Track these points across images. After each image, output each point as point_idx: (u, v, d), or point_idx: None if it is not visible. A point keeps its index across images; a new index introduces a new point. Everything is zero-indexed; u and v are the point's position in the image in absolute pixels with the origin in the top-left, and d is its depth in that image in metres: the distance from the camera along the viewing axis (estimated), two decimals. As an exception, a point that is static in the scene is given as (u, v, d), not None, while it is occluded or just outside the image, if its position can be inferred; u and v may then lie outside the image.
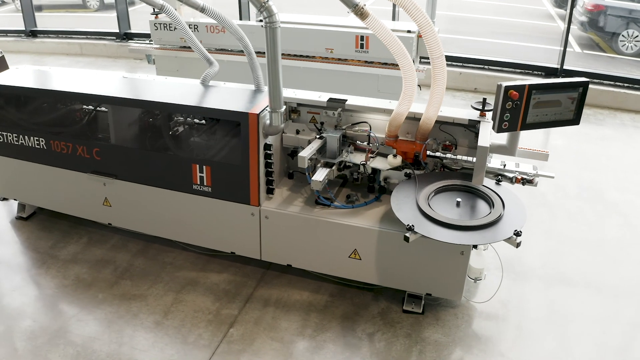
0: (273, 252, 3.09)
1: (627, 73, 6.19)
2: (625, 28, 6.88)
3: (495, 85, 2.49)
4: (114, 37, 7.77)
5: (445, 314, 2.92)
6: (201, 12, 2.98)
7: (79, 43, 7.79)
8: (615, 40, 7.04)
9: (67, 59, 7.67)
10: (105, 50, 7.70)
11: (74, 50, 7.74)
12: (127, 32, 7.72)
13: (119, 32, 7.70)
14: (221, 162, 2.98)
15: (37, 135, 3.48)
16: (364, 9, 2.46)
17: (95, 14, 11.06)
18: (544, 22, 10.40)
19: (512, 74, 6.18)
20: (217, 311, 2.93)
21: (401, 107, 2.75)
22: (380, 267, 2.87)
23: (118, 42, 7.69)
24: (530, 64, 6.18)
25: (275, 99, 2.77)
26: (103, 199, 3.47)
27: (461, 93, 6.38)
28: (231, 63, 5.22)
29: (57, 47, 7.76)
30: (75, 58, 7.66)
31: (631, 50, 7.08)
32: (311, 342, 2.73)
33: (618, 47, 7.05)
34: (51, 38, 8.00)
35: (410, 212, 2.54)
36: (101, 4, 10.80)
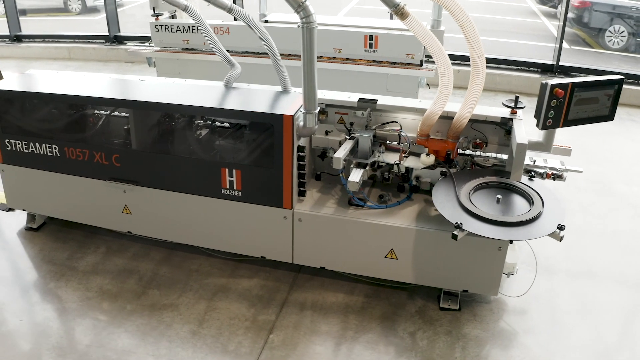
0: (306, 255, 3.06)
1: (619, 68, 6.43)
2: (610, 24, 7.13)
3: (493, 82, 2.57)
4: (103, 41, 7.54)
5: (480, 309, 2.96)
6: (228, 13, 2.91)
7: (66, 47, 7.53)
8: (602, 36, 7.30)
9: (55, 63, 7.39)
10: (94, 54, 7.46)
11: (62, 55, 7.48)
12: (116, 35, 7.51)
13: (108, 35, 7.48)
14: (253, 165, 2.92)
15: (50, 143, 3.34)
16: (404, 9, 2.46)
17: (77, 17, 10.71)
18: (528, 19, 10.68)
19: (509, 71, 6.32)
20: (254, 317, 2.88)
21: (436, 106, 2.77)
22: (417, 266, 2.88)
23: (108, 46, 7.47)
24: (526, 61, 6.33)
25: (310, 100, 2.74)
26: (122, 206, 3.35)
27: (461, 91, 6.46)
28: (237, 64, 5.14)
29: (43, 52, 7.48)
30: (64, 62, 7.40)
31: (617, 46, 7.34)
32: (354, 344, 2.71)
33: (605, 42, 7.31)
34: (37, 43, 7.71)
35: (453, 210, 2.55)
36: (83, 7, 10.45)
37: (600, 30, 7.26)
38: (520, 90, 6.12)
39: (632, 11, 6.97)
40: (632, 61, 7.34)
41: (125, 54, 7.47)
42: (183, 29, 5.12)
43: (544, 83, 2.42)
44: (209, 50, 5.16)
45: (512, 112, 2.87)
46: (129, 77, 3.55)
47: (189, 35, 5.13)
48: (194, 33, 5.11)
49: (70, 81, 3.52)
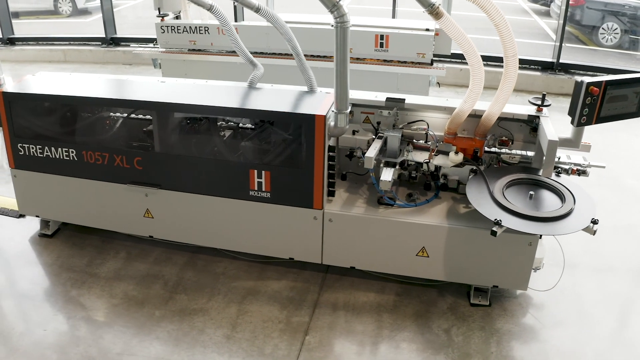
0: (335, 255, 3.05)
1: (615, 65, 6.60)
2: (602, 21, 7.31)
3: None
4: (99, 43, 7.39)
5: (510, 304, 3.00)
6: (255, 12, 2.89)
7: (62, 49, 7.36)
8: (596, 33, 7.48)
9: (51, 66, 7.21)
10: (91, 56, 7.31)
11: (57, 57, 7.31)
12: (113, 37, 7.36)
13: (105, 36, 7.33)
14: (283, 166, 2.90)
15: (67, 146, 3.25)
16: (439, 9, 2.48)
17: (68, 19, 10.46)
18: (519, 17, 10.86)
19: (511, 69, 6.42)
20: (287, 319, 2.86)
21: (466, 104, 2.80)
22: (448, 263, 2.91)
23: (105, 48, 7.33)
24: (527, 59, 6.44)
25: (341, 100, 2.74)
26: (144, 210, 3.29)
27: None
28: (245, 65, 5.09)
29: (38, 55, 7.29)
30: (59, 65, 7.22)
31: (611, 43, 7.53)
32: (391, 342, 2.72)
33: (598, 39, 7.49)
34: (31, 45, 7.51)
35: (489, 207, 2.58)
36: (74, 10, 10.20)
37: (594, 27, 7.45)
38: (522, 88, 6.22)
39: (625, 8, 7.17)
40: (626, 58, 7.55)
41: (122, 55, 7.34)
42: (190, 30, 5.06)
43: (579, 81, 2.47)
44: (216, 51, 5.11)
45: (538, 110, 2.91)
46: (148, 79, 3.48)
47: (196, 36, 5.07)
48: (201, 34, 5.05)
49: (86, 83, 3.43)
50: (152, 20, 10.35)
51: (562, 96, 5.99)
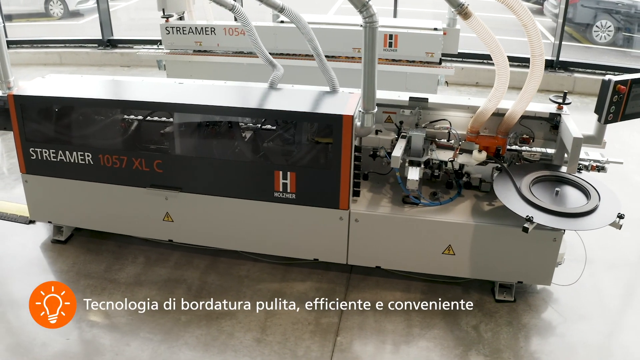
0: (361, 255, 3.05)
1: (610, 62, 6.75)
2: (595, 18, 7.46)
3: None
4: (96, 45, 7.25)
5: (533, 299, 3.04)
6: (280, 13, 2.87)
7: (57, 52, 7.19)
8: (589, 31, 7.64)
9: (47, 69, 7.03)
10: (88, 59, 7.17)
11: (53, 60, 7.14)
12: (110, 39, 7.23)
13: (102, 38, 7.20)
14: (309, 166, 2.89)
15: (82, 150, 3.18)
16: (467, 9, 2.50)
17: (59, 22, 10.24)
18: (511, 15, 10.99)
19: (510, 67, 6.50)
20: (316, 321, 2.85)
21: (490, 103, 2.83)
22: (474, 260, 2.93)
23: (102, 50, 7.19)
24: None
25: (369, 100, 2.74)
26: (164, 214, 3.24)
27: (464, 87, 6.62)
28: (251, 66, 5.07)
29: (33, 58, 7.11)
30: (55, 68, 7.04)
31: (604, 40, 7.70)
32: (422, 340, 2.73)
33: (592, 37, 7.65)
34: (25, 48, 7.32)
35: (518, 204, 2.62)
36: (65, 12, 9.98)
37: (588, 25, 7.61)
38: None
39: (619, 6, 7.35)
40: (620, 55, 7.72)
41: (120, 57, 7.21)
42: (195, 31, 4.99)
43: (606, 80, 2.52)
44: (223, 51, 5.06)
45: (558, 108, 2.96)
46: (166, 80, 3.43)
47: (202, 36, 5.00)
48: (207, 34, 4.99)
49: (100, 85, 3.37)
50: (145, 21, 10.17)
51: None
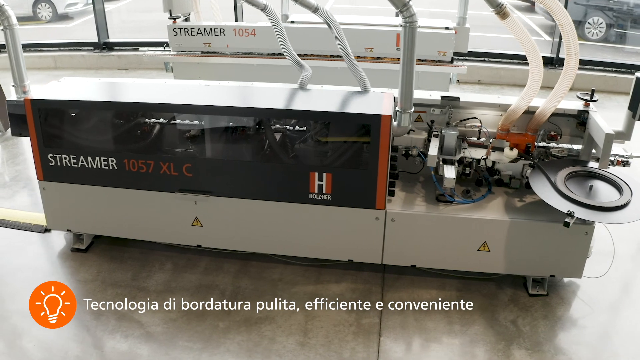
0: (396, 254, 3.05)
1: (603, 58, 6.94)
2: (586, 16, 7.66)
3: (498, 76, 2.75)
4: (91, 48, 7.07)
5: (565, 292, 3.10)
6: (313, 13, 2.85)
7: (52, 56, 6.99)
8: (582, 28, 7.84)
9: (41, 73, 6.81)
10: (83, 62, 6.98)
11: (47, 64, 6.92)
12: (106, 42, 7.06)
13: (98, 41, 7.02)
14: (346, 167, 2.88)
15: (106, 155, 3.09)
16: (505, 9, 2.53)
17: (47, 25, 9.93)
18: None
19: (511, 64, 6.63)
20: (357, 322, 2.84)
21: (523, 101, 2.87)
22: (509, 256, 2.97)
23: (98, 53, 7.02)
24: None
25: (406, 100, 2.74)
26: (192, 219, 3.18)
27: (467, 85, 6.70)
28: (262, 67, 5.02)
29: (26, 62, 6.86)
30: (50, 72, 6.81)
31: (597, 37, 7.92)
32: (464, 337, 2.76)
33: (584, 33, 7.85)
34: (19, 52, 7.07)
35: (556, 199, 2.66)
36: (54, 15, 9.68)
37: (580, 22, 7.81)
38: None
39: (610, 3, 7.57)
40: (613, 51, 7.95)
41: (117, 60, 7.05)
42: (204, 32, 4.92)
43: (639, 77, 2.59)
44: (232, 53, 5.00)
45: (585, 105, 3.03)
46: (191, 82, 3.36)
47: (211, 37, 4.93)
48: (216, 35, 4.92)
49: (121, 88, 3.28)
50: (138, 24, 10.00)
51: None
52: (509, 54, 6.64)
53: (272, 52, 4.94)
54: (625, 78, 6.24)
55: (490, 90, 6.39)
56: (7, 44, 3.22)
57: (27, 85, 3.32)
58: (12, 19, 3.18)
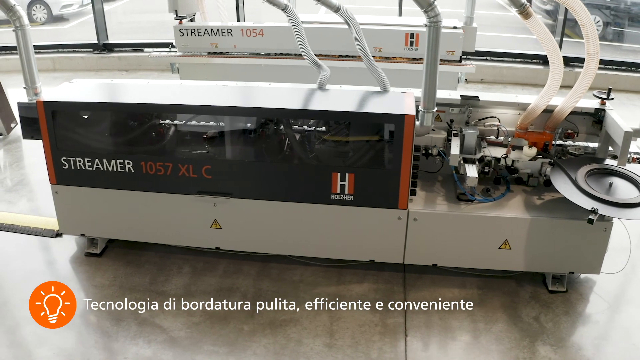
0: (418, 254, 3.06)
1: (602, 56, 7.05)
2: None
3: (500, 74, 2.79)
4: (91, 49, 6.97)
5: (583, 288, 3.13)
6: (335, 12, 2.84)
7: (50, 57, 6.86)
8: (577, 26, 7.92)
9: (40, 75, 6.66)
10: (83, 64, 6.88)
11: (45, 66, 6.78)
12: (106, 43, 6.96)
13: (97, 43, 6.92)
14: (369, 167, 2.87)
15: (122, 158, 3.05)
16: (529, 9, 2.55)
17: (42, 27, 9.76)
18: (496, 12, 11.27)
19: (513, 63, 6.69)
20: (382, 322, 2.84)
21: (543, 100, 2.90)
22: (529, 253, 2.99)
23: (98, 54, 6.92)
24: (528, 53, 6.74)
25: (430, 99, 2.75)
26: (212, 221, 3.15)
27: (470, 84, 6.73)
28: (269, 67, 5.00)
29: (24, 64, 6.76)
30: (49, 74, 6.70)
31: (594, 35, 8.05)
32: (489, 335, 2.77)
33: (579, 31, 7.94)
34: (15, 54, 6.90)
35: (578, 196, 2.69)
36: (49, 17, 9.51)
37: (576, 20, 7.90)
38: (527, 82, 6.50)
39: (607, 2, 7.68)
40: (611, 49, 8.07)
41: (117, 62, 6.96)
42: (211, 32, 4.88)
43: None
44: (240, 53, 4.96)
45: (601, 103, 3.07)
46: (208, 83, 3.33)
47: (218, 38, 4.89)
48: (223, 36, 4.88)
49: (138, 89, 3.24)
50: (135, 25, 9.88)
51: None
52: (511, 53, 6.70)
53: (280, 53, 4.92)
54: (626, 76, 6.34)
55: (493, 89, 6.44)
56: (18, 45, 3.16)
57: (38, 87, 3.26)
58: (24, 20, 3.12)
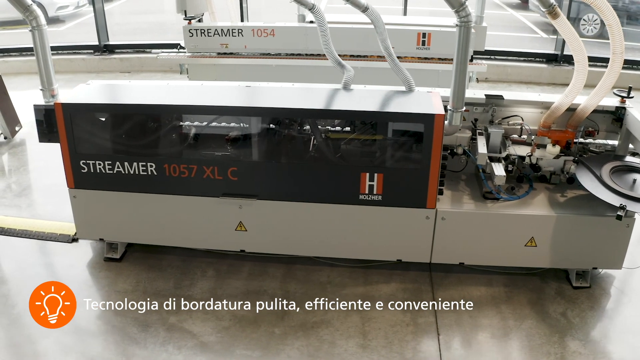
0: (445, 252, 3.07)
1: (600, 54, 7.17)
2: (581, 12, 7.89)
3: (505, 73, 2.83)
4: (91, 51, 6.85)
5: (605, 283, 3.18)
6: (363, 12, 2.83)
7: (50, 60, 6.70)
8: (577, 24, 8.07)
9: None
10: (84, 66, 6.76)
11: None
12: (107, 44, 6.85)
13: (98, 44, 6.81)
14: (398, 167, 2.88)
15: (145, 161, 3.00)
16: (557, 9, 2.59)
17: (38, 29, 9.55)
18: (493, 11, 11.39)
19: (517, 62, 6.76)
20: (413, 321, 2.85)
21: (567, 98, 2.93)
22: (554, 250, 3.03)
23: (99, 56, 6.81)
24: (532, 52, 6.82)
25: (458, 99, 2.76)
26: (236, 223, 3.12)
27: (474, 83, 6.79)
28: (280, 67, 4.97)
29: (23, 66, 6.63)
30: (50, 75, 6.59)
31: (591, 33, 8.17)
32: (520, 332, 2.80)
33: (579, 30, 8.09)
34: (14, 57, 6.83)
35: (605, 193, 2.73)
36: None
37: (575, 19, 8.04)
38: (530, 80, 6.58)
39: (605, 1, 7.82)
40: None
41: (119, 63, 6.85)
42: (221, 33, 4.83)
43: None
44: (251, 54, 4.92)
45: (621, 101, 3.11)
46: (227, 83, 3.29)
47: (229, 38, 4.85)
48: (234, 36, 4.84)
49: (159, 90, 3.17)
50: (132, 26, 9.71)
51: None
52: (515, 52, 6.77)
53: (291, 53, 4.90)
54: (627, 74, 6.45)
55: (498, 87, 6.49)
56: (35, 46, 3.09)
57: (55, 89, 3.19)
58: (41, 19, 3.06)
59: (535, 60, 6.68)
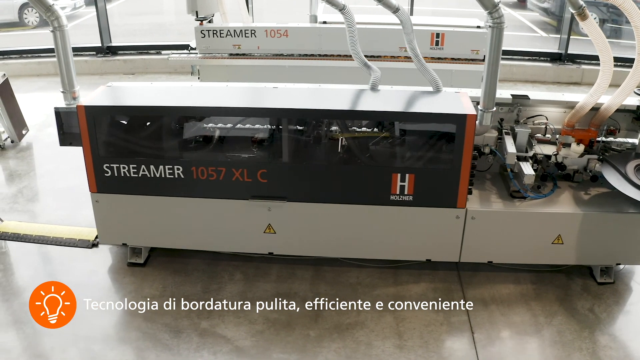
0: (474, 251, 3.10)
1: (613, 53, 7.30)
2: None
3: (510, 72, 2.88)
4: (94, 52, 6.75)
5: (627, 279, 3.24)
6: (393, 13, 2.83)
7: (52, 62, 6.53)
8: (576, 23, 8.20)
9: (41, 80, 6.47)
10: (87, 67, 6.65)
11: (46, 70, 6.53)
12: (109, 46, 6.74)
13: (101, 46, 6.71)
14: (430, 167, 2.89)
15: (172, 164, 2.96)
16: (585, 11, 2.63)
17: (34, 31, 9.36)
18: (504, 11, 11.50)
19: (522, 61, 6.84)
20: (447, 321, 2.87)
21: (592, 98, 2.98)
22: (580, 247, 3.08)
23: (102, 57, 6.71)
24: (536, 51, 6.91)
25: (489, 99, 2.79)
26: (265, 226, 3.10)
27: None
28: (293, 68, 4.95)
29: (24, 69, 6.52)
30: (51, 79, 6.44)
31: (591, 33, 8.33)
32: (551, 328, 2.84)
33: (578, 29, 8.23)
34: (14, 59, 6.71)
35: (632, 191, 2.78)
36: (41, 20, 9.12)
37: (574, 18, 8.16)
38: (535, 79, 6.67)
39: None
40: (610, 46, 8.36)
41: (122, 65, 6.76)
42: (234, 34, 4.79)
43: None
44: (264, 54, 4.89)
45: (641, 100, 3.18)
46: (254, 84, 3.27)
47: (241, 39, 4.81)
48: (247, 37, 4.80)
49: (183, 92, 3.14)
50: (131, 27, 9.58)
51: (572, 85, 6.52)
52: (520, 51, 6.84)
53: (305, 53, 4.88)
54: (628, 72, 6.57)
55: (504, 86, 6.53)
56: (56, 47, 3.02)
57: (77, 91, 3.13)
58: (62, 20, 2.99)
59: (539, 59, 6.77)
